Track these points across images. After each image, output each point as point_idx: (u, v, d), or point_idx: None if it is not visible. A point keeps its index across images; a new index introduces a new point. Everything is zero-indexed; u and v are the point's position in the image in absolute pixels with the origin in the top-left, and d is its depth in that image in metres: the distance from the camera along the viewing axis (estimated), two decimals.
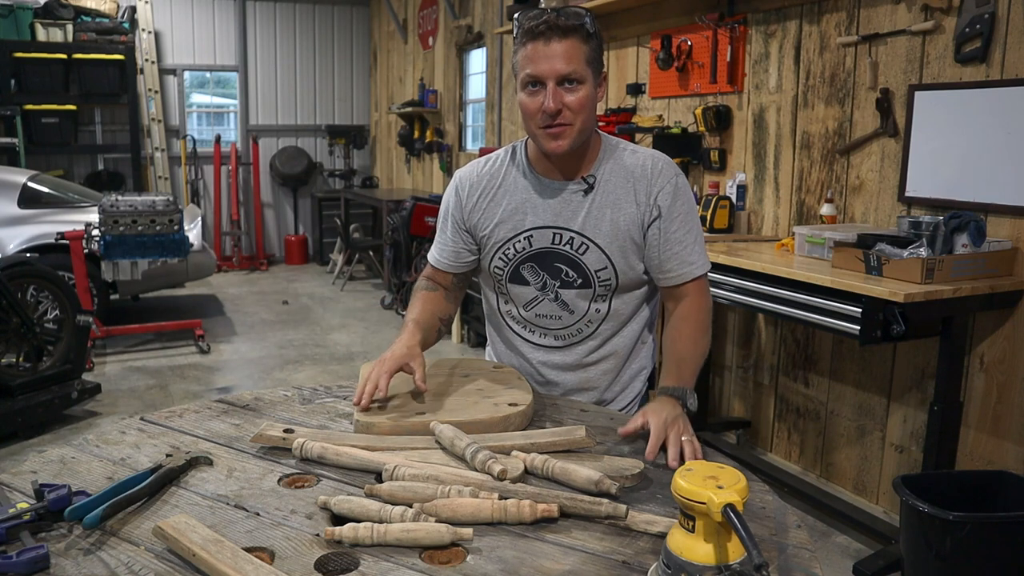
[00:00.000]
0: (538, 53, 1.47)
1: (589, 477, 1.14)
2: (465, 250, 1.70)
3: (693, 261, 1.61)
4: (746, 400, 3.73)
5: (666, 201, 1.58)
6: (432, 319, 1.66)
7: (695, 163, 3.86)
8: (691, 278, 1.61)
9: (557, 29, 1.46)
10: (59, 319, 4.26)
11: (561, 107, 1.48)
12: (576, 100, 1.48)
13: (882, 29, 2.93)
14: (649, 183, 1.59)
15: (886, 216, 2.99)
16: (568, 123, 1.49)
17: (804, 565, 0.98)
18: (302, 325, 6.12)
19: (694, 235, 1.62)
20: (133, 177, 8.00)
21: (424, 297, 1.70)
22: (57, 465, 1.25)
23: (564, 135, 1.51)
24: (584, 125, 1.52)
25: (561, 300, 1.64)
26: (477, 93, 6.74)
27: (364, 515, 1.05)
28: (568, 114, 1.49)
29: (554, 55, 1.46)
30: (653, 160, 1.61)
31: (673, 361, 1.54)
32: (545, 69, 1.47)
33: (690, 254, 1.61)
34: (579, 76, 1.48)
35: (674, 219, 1.59)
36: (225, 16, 8.53)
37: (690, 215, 1.62)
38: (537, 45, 1.48)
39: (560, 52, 1.46)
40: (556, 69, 1.47)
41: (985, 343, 2.66)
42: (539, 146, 1.57)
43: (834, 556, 2.78)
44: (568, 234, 1.60)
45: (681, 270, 1.60)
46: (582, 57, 1.48)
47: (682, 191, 1.61)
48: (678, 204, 1.59)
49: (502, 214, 1.64)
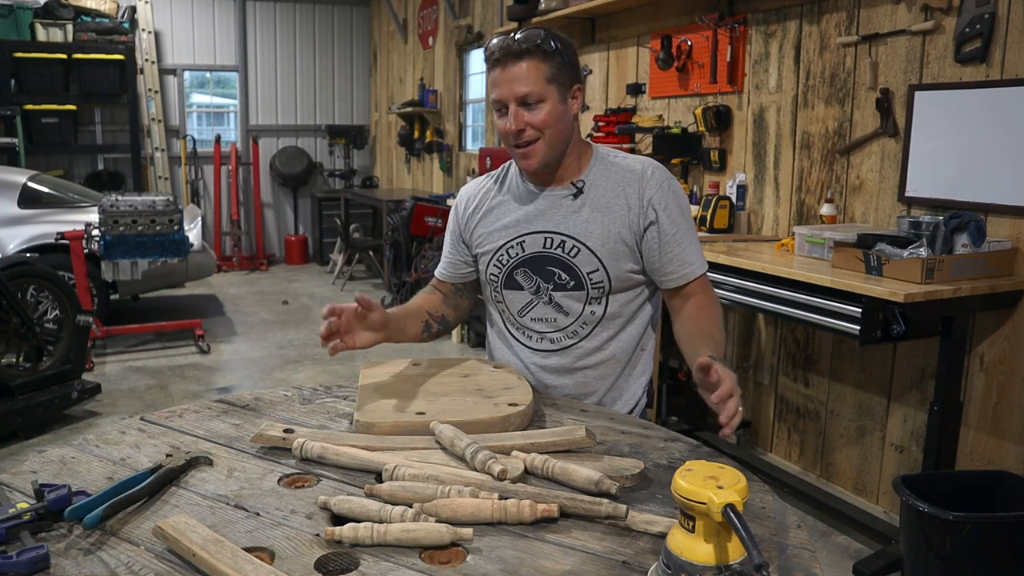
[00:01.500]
0: (499, 78, 1.57)
1: (589, 477, 1.14)
2: (461, 262, 1.79)
3: (692, 261, 1.64)
4: (746, 400, 3.73)
5: (661, 204, 1.62)
6: (418, 309, 1.75)
7: (695, 163, 3.86)
8: (693, 278, 1.64)
9: (511, 54, 1.55)
10: (59, 319, 4.26)
11: (524, 126, 1.57)
12: (538, 119, 1.57)
13: (882, 29, 2.93)
14: (640, 186, 1.63)
15: (886, 216, 2.99)
16: (532, 140, 1.58)
17: (804, 565, 0.98)
18: (302, 325, 6.12)
19: (690, 237, 1.65)
20: (133, 177, 8.00)
21: (420, 295, 1.82)
22: (57, 465, 1.25)
23: (532, 153, 1.59)
24: (554, 139, 1.60)
25: (555, 303, 1.67)
26: (477, 93, 6.74)
27: (364, 515, 1.05)
28: (531, 132, 1.58)
29: (512, 79, 1.55)
30: (643, 165, 1.66)
31: (706, 337, 1.54)
32: (505, 93, 1.57)
33: (688, 255, 1.64)
34: (538, 96, 1.56)
35: (670, 222, 1.62)
36: (225, 16, 8.53)
37: (685, 217, 1.66)
38: (497, 71, 1.57)
39: (518, 75, 1.55)
40: (514, 92, 1.56)
41: (985, 343, 2.66)
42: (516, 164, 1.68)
43: (834, 556, 2.78)
44: (559, 237, 1.64)
45: (682, 271, 1.64)
46: (541, 76, 1.56)
47: (675, 193, 1.65)
48: (672, 207, 1.63)
49: (496, 223, 1.71)
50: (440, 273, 1.83)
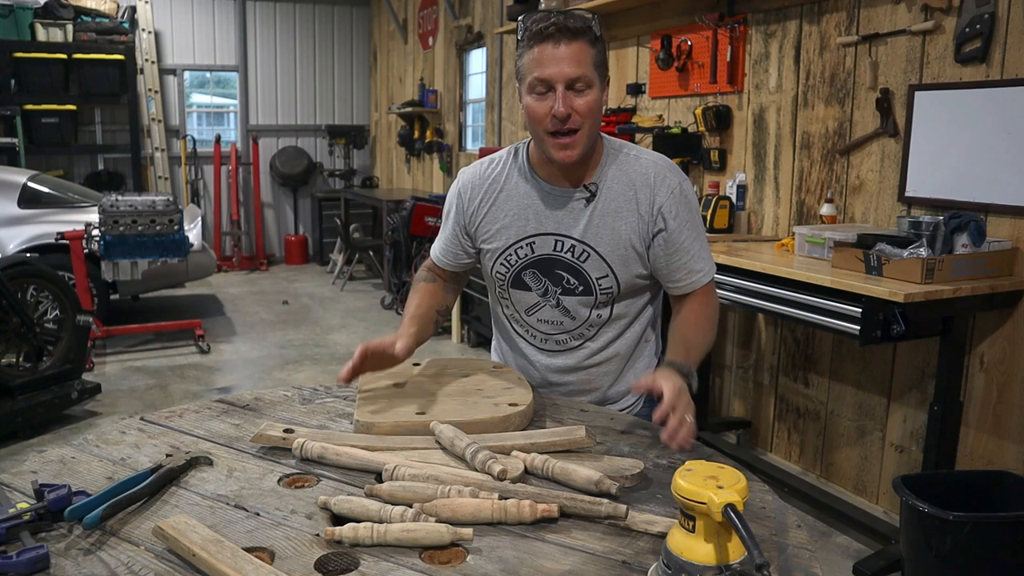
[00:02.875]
0: (546, 56, 1.45)
1: (589, 477, 1.14)
2: (463, 252, 1.72)
3: (700, 269, 1.61)
4: (746, 400, 3.73)
5: (670, 211, 1.57)
6: (429, 312, 1.69)
7: (695, 163, 3.86)
8: (699, 286, 1.62)
9: (566, 32, 1.44)
10: (59, 319, 4.26)
11: (570, 111, 1.46)
12: (585, 104, 1.46)
13: (882, 29, 2.93)
14: (651, 192, 1.58)
15: (886, 216, 2.99)
16: (577, 128, 1.48)
17: (804, 565, 0.98)
18: (302, 325, 6.12)
19: (700, 242, 1.61)
20: (133, 177, 8.00)
21: (423, 290, 1.72)
22: (57, 465, 1.25)
23: (574, 144, 1.49)
24: (591, 131, 1.51)
25: (563, 306, 1.64)
26: (477, 93, 6.74)
27: (364, 515, 1.05)
28: (577, 118, 1.47)
29: (563, 58, 1.44)
30: (656, 167, 1.60)
31: (681, 342, 1.54)
32: (554, 72, 1.45)
33: (696, 262, 1.60)
34: (588, 80, 1.46)
35: (679, 229, 1.58)
36: (225, 16, 8.53)
37: (694, 222, 1.61)
38: (545, 48, 1.45)
39: (569, 55, 1.44)
40: (565, 73, 1.44)
41: (985, 343, 2.66)
42: (546, 153, 1.54)
43: (834, 556, 2.78)
44: (569, 242, 1.60)
45: (689, 279, 1.61)
46: (590, 61, 1.46)
47: (686, 197, 1.60)
48: (682, 213, 1.58)
49: (504, 219, 1.64)
50: (439, 260, 1.75)
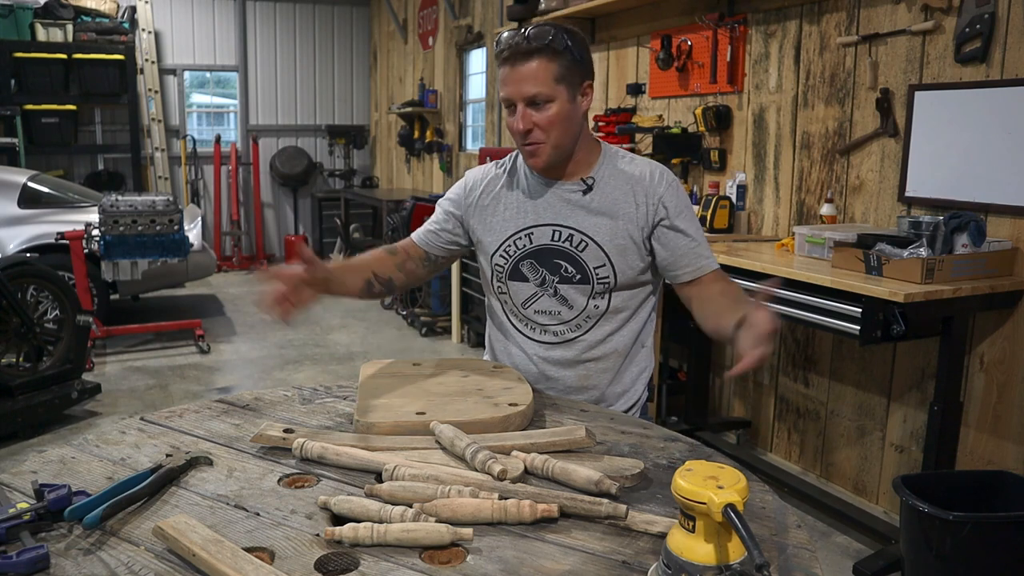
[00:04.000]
0: (507, 77, 1.56)
1: (589, 477, 1.14)
2: (449, 237, 1.76)
3: (706, 255, 1.67)
4: (746, 400, 3.73)
5: (671, 203, 1.65)
6: (363, 266, 1.68)
7: (695, 163, 3.86)
8: (708, 271, 1.65)
9: (520, 53, 1.54)
10: (59, 319, 4.25)
11: (532, 126, 1.56)
12: (545, 119, 1.56)
13: (882, 29, 2.93)
14: (649, 186, 1.66)
15: (886, 216, 2.98)
16: (540, 141, 1.58)
17: (804, 565, 0.98)
18: (302, 325, 6.12)
19: (701, 236, 1.69)
20: (133, 177, 7.99)
21: (372, 253, 1.73)
22: (57, 465, 1.25)
23: (538, 152, 1.60)
24: (560, 140, 1.60)
25: (560, 295, 1.68)
26: (477, 93, 6.73)
27: (364, 515, 1.05)
28: (539, 132, 1.57)
29: (520, 78, 1.54)
30: (651, 166, 1.69)
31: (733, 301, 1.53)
32: (512, 92, 1.56)
33: (702, 249, 1.67)
34: (546, 96, 1.55)
35: (680, 219, 1.65)
36: (225, 16, 8.53)
37: (694, 217, 1.69)
38: (506, 69, 1.56)
39: (526, 74, 1.54)
40: (523, 91, 1.55)
41: (985, 343, 2.66)
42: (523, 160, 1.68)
43: (834, 556, 2.78)
44: (567, 231, 1.65)
45: (698, 263, 1.65)
46: (550, 76, 1.54)
47: (683, 196, 1.69)
48: (683, 207, 1.67)
49: (503, 212, 1.71)
50: (419, 239, 1.77)
